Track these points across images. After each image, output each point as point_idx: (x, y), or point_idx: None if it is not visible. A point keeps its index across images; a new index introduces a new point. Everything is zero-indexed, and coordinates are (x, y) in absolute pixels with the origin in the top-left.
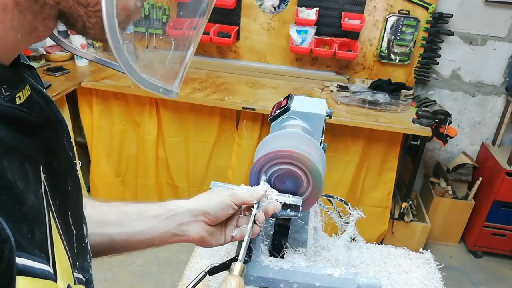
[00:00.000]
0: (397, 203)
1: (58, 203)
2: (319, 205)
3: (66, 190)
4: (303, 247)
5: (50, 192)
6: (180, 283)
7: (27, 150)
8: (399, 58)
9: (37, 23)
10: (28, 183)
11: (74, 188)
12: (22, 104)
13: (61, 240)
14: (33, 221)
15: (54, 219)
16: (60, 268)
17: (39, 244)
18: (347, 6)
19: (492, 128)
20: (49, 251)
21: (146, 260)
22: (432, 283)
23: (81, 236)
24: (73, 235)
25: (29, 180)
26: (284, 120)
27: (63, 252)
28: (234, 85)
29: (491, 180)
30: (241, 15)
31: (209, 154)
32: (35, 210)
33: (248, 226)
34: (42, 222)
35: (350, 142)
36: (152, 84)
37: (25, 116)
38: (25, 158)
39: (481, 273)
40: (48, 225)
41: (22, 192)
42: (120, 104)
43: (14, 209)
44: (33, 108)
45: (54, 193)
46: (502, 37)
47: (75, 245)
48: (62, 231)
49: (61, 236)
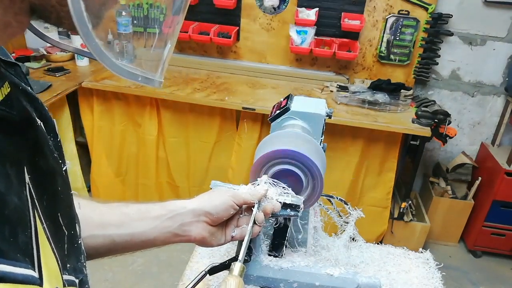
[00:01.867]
0: (397, 203)
1: (46, 204)
2: (319, 205)
3: (55, 190)
4: (303, 246)
5: (37, 194)
6: (180, 282)
7: (8, 150)
8: (399, 59)
9: (9, 18)
10: (10, 185)
11: (64, 188)
12: (1, 102)
13: (49, 242)
14: (16, 224)
15: (41, 221)
16: (46, 272)
17: (23, 248)
18: (347, 7)
19: (492, 128)
20: (34, 255)
21: (147, 260)
22: (432, 283)
23: (73, 237)
24: (64, 236)
25: (11, 182)
26: (284, 120)
27: (50, 255)
28: (234, 85)
29: (491, 180)
30: (241, 16)
31: (209, 154)
32: (19, 212)
33: (249, 226)
34: (27, 224)
35: (349, 142)
36: (128, 71)
37: (4, 115)
38: (6, 159)
39: (481, 273)
40: (34, 228)
41: (3, 194)
42: (120, 104)
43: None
44: (12, 106)
45: (41, 194)
46: (501, 37)
47: (66, 246)
48: (50, 232)
49: (49, 238)
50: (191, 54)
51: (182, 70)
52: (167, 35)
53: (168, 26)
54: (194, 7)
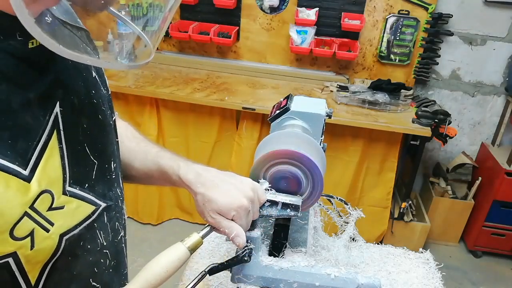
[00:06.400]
0: (397, 203)
1: (74, 134)
2: (319, 205)
3: (87, 127)
4: (303, 247)
5: (67, 123)
6: (180, 283)
7: (36, 84)
8: (399, 58)
9: None
10: (27, 107)
11: (101, 128)
12: (34, 48)
13: (61, 157)
14: (19, 133)
15: (59, 142)
16: (41, 176)
17: (20, 152)
18: (347, 6)
19: (492, 128)
20: (31, 159)
21: (146, 260)
22: (432, 283)
23: (107, 170)
24: (94, 164)
25: (30, 106)
26: (284, 120)
27: (55, 165)
28: (234, 85)
29: (491, 180)
30: (241, 15)
31: (209, 154)
32: (27, 127)
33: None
34: (34, 138)
35: (350, 142)
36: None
37: (35, 57)
38: (32, 90)
39: (481, 273)
40: (43, 142)
41: (14, 111)
42: (120, 104)
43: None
44: (43, 53)
45: (72, 125)
46: (501, 37)
47: (94, 173)
48: (70, 154)
49: (63, 155)
50: (191, 54)
51: (182, 70)
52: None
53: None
54: (194, 7)
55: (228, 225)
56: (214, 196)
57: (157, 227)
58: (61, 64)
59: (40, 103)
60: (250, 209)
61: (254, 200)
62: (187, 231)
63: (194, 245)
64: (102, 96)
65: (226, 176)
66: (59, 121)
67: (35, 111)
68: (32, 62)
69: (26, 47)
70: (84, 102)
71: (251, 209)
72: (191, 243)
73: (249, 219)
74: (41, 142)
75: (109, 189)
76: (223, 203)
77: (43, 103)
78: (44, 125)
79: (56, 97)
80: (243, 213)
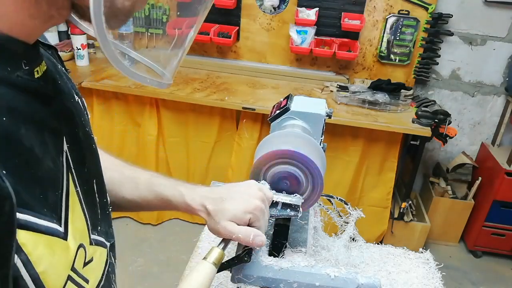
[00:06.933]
0: (397, 203)
1: (83, 171)
2: (319, 205)
3: (91, 159)
4: (303, 247)
5: (74, 161)
6: None
7: (47, 120)
8: (399, 58)
9: (52, 12)
10: (47, 150)
11: (97, 159)
12: (39, 77)
13: (80, 204)
14: (48, 184)
15: (75, 184)
16: (73, 229)
17: (52, 205)
18: (347, 6)
19: (492, 128)
20: (62, 213)
21: (146, 260)
22: (432, 283)
23: (105, 204)
24: (97, 202)
25: (48, 148)
26: (284, 120)
27: (79, 215)
28: (234, 85)
29: (491, 180)
30: (241, 15)
31: (209, 154)
32: (52, 175)
33: None
34: (58, 186)
35: (350, 142)
36: (139, 75)
37: (43, 89)
38: (45, 128)
39: (481, 273)
40: (66, 190)
41: (39, 159)
42: (120, 104)
43: (28, 173)
44: (47, 82)
45: (78, 162)
46: (501, 37)
47: (99, 211)
48: (84, 196)
49: (81, 200)
50: (191, 54)
51: (182, 70)
52: (168, 36)
53: (174, 27)
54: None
55: (242, 230)
56: (226, 206)
57: (157, 227)
58: (63, 94)
59: (53, 141)
60: (264, 208)
61: (264, 199)
62: (187, 231)
63: (218, 259)
64: (88, 120)
65: (231, 187)
66: (70, 160)
67: (51, 152)
68: (40, 94)
69: (33, 77)
70: (81, 132)
71: (265, 209)
72: (214, 257)
73: (266, 219)
74: (64, 190)
75: (109, 225)
76: (237, 209)
77: (55, 140)
78: (61, 168)
79: (63, 133)
80: (259, 214)
